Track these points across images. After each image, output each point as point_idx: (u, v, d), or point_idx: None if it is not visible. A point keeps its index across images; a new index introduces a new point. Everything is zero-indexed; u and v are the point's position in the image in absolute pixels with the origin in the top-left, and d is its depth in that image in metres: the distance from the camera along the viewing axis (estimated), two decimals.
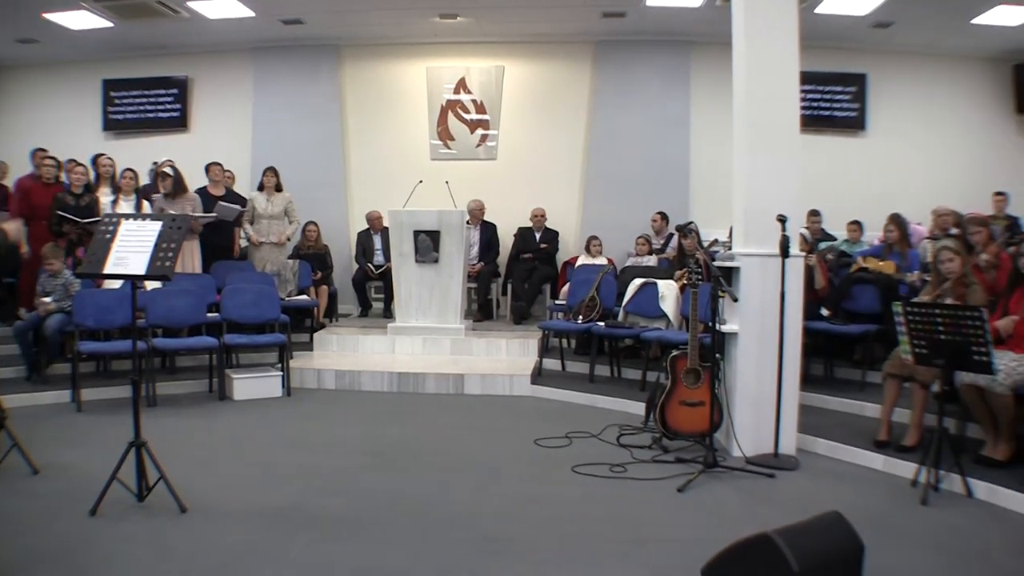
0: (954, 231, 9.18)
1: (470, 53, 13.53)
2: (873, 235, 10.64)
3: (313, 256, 11.84)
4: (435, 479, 5.97)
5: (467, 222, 11.46)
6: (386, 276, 11.82)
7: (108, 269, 5.06)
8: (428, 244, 10.40)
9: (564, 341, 10.59)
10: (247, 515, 5.11)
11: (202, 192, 10.67)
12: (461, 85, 13.55)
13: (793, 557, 3.58)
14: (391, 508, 5.30)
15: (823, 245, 10.69)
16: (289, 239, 11.17)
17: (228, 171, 11.48)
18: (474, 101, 13.55)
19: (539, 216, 12.63)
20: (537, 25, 12.73)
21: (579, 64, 13.50)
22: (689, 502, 5.58)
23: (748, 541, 3.80)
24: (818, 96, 13.55)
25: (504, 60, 13.54)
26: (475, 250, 12.24)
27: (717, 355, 6.63)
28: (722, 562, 3.92)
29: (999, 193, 12.09)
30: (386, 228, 11.44)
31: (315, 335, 10.78)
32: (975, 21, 11.99)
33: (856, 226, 11.16)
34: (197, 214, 9.82)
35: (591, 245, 12.04)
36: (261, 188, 11.03)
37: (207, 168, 11.09)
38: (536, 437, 7.13)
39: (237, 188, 11.51)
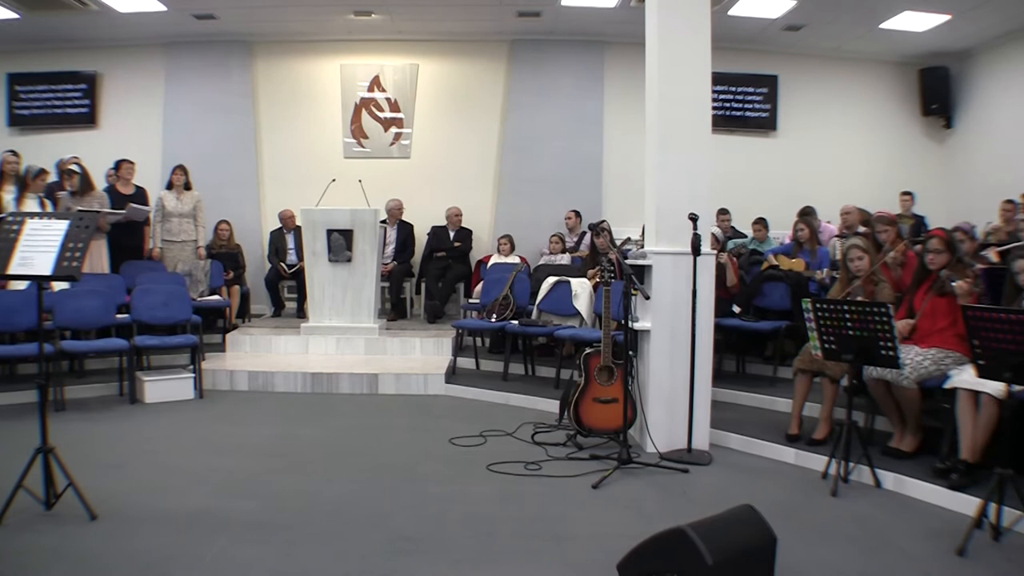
0: (862, 230, 9.37)
1: (384, 51, 13.44)
2: (784, 233, 10.80)
3: (225, 255, 11.68)
4: (350, 480, 5.91)
5: (384, 222, 11.42)
6: (299, 275, 11.68)
7: (12, 270, 4.90)
8: (341, 243, 10.32)
9: (478, 340, 10.56)
10: (160, 520, 4.99)
11: (110, 190, 10.46)
12: (375, 83, 13.45)
13: (707, 550, 3.63)
14: (307, 510, 5.24)
15: (733, 243, 10.83)
16: (201, 246, 10.95)
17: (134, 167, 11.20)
18: (388, 99, 13.47)
19: (453, 215, 12.62)
20: (452, 23, 12.70)
21: (494, 63, 13.52)
22: (604, 498, 5.60)
23: (663, 536, 3.85)
24: (730, 97, 13.76)
25: (419, 58, 13.48)
26: (391, 249, 12.17)
27: (630, 352, 6.67)
28: (637, 557, 3.95)
29: (906, 193, 12.41)
30: (299, 227, 11.29)
31: (227, 336, 10.62)
32: (883, 26, 12.28)
33: (761, 225, 11.33)
34: (104, 211, 9.61)
35: (500, 245, 12.05)
36: (170, 186, 10.83)
37: (116, 165, 10.86)
38: (451, 436, 7.11)
39: (147, 186, 11.25)
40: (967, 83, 13.92)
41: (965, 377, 5.67)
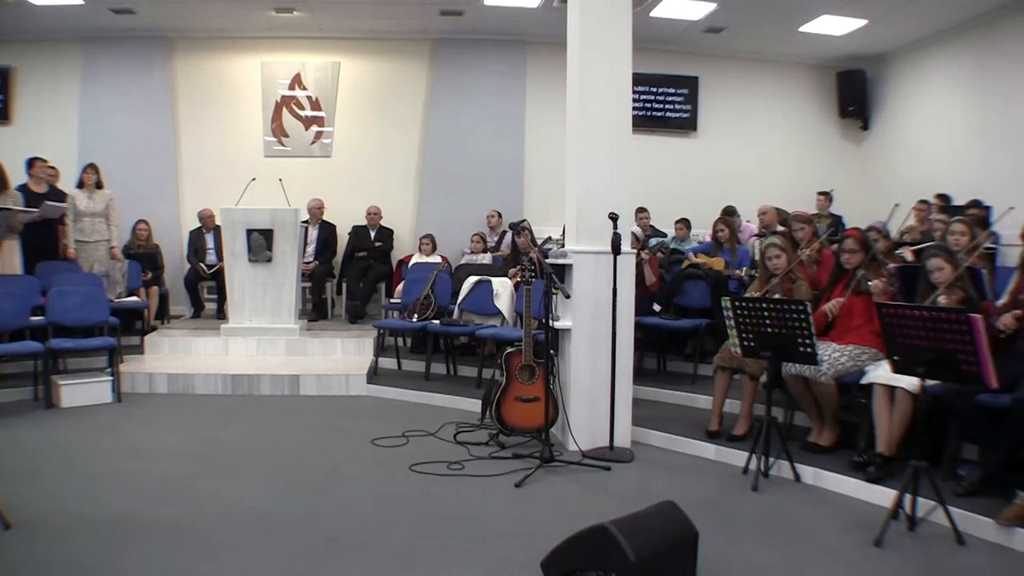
0: (780, 229, 9.49)
1: (306, 48, 13.29)
2: (705, 232, 10.91)
3: (143, 256, 11.45)
4: (273, 483, 5.83)
5: (305, 222, 11.33)
6: (219, 276, 11.47)
7: None
8: (262, 243, 10.21)
9: (399, 340, 10.53)
10: (79, 528, 4.85)
11: (23, 189, 10.21)
12: (296, 81, 13.30)
13: (630, 547, 3.65)
14: (229, 514, 5.15)
15: (654, 242, 10.91)
16: (115, 246, 10.71)
17: (52, 167, 10.93)
18: (309, 97, 13.32)
19: (374, 214, 12.54)
20: (374, 21, 12.61)
21: (416, 61, 13.44)
22: (527, 497, 5.61)
23: (585, 533, 3.86)
24: (652, 97, 13.87)
25: (340, 56, 13.37)
26: (312, 249, 12.06)
27: (551, 351, 6.67)
28: (561, 555, 3.96)
29: (823, 193, 12.60)
30: (219, 226, 11.11)
31: (146, 338, 10.40)
32: (802, 29, 12.48)
33: (683, 224, 11.44)
34: (18, 208, 9.37)
35: (422, 244, 12.00)
36: (81, 185, 10.58)
37: (30, 163, 10.57)
38: (373, 437, 7.06)
39: (62, 185, 10.99)
40: (883, 86, 14.22)
41: (881, 373, 5.78)
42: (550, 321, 6.49)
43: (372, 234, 12.47)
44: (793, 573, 4.43)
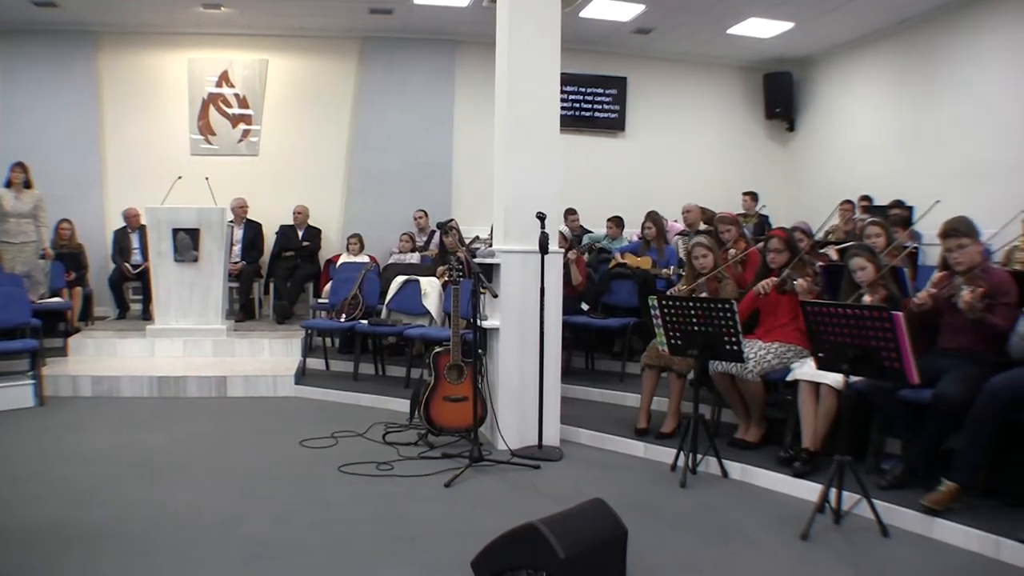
0: (704, 227, 9.58)
1: (233, 45, 13.11)
2: (633, 231, 10.97)
3: (67, 256, 11.21)
4: (201, 486, 5.73)
5: (231, 221, 11.21)
6: (144, 276, 11.27)
7: None
8: (188, 242, 10.07)
9: (328, 340, 10.45)
10: (4, 536, 4.72)
11: None
12: (224, 78, 13.12)
13: (559, 545, 3.66)
14: (157, 519, 5.04)
15: (584, 240, 10.96)
16: (46, 247, 10.43)
17: None
18: (237, 95, 13.15)
19: (301, 213, 12.43)
20: (303, 19, 12.47)
21: (345, 60, 13.34)
22: (457, 497, 5.60)
23: (515, 532, 3.86)
24: (580, 97, 13.93)
25: (268, 53, 13.21)
26: (238, 249, 11.92)
27: (479, 351, 6.67)
28: (491, 554, 3.96)
29: (749, 193, 12.76)
30: (144, 226, 10.93)
31: (69, 339, 10.16)
32: (730, 31, 12.63)
33: (615, 223, 11.51)
34: None
35: (350, 244, 11.93)
36: (8, 185, 10.34)
37: None
38: (302, 438, 6.99)
39: None
40: (809, 88, 14.45)
41: (806, 370, 5.87)
42: (478, 320, 6.48)
43: (300, 234, 12.36)
44: (721, 568, 4.47)
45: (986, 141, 10.64)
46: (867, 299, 5.72)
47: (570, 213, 11.69)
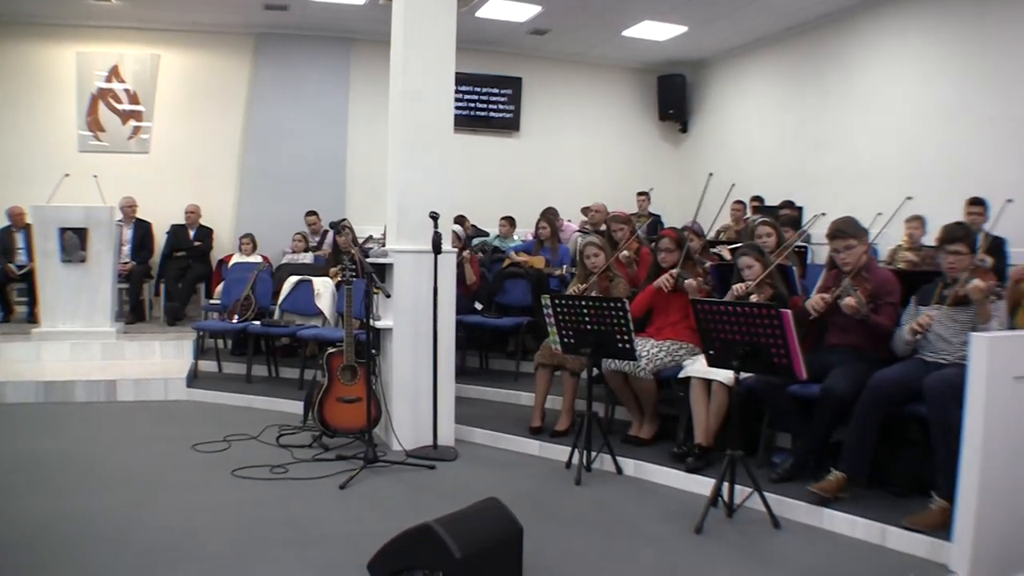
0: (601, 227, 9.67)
1: (124, 39, 12.76)
2: (527, 231, 11.02)
3: None
4: (91, 494, 5.53)
5: (120, 221, 10.98)
6: (29, 277, 10.95)
7: None
8: (75, 242, 9.80)
9: (220, 342, 10.24)
10: None
11: None
12: (114, 73, 12.77)
13: (455, 544, 3.66)
14: (47, 530, 4.86)
15: (476, 241, 10.97)
16: None
17: None
18: (127, 90, 12.82)
19: (193, 212, 12.20)
20: (196, 13, 12.25)
21: (238, 56, 13.14)
22: (352, 498, 5.55)
23: (411, 532, 3.85)
24: (475, 97, 13.99)
25: (160, 48, 12.91)
26: (127, 248, 11.64)
27: (373, 351, 6.64)
28: (386, 555, 3.95)
29: (642, 193, 12.90)
30: (29, 225, 10.63)
31: None
32: (625, 34, 12.81)
33: (507, 222, 11.55)
34: None
35: (242, 244, 11.76)
36: None
37: None
38: (194, 442, 6.82)
39: None
40: (701, 90, 14.74)
41: (697, 367, 5.96)
42: (371, 321, 6.44)
43: (191, 233, 12.13)
44: (617, 563, 4.51)
45: (872, 144, 10.99)
46: (754, 298, 5.84)
47: (459, 219, 11.69)
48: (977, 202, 8.31)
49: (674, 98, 14.88)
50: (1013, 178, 8.76)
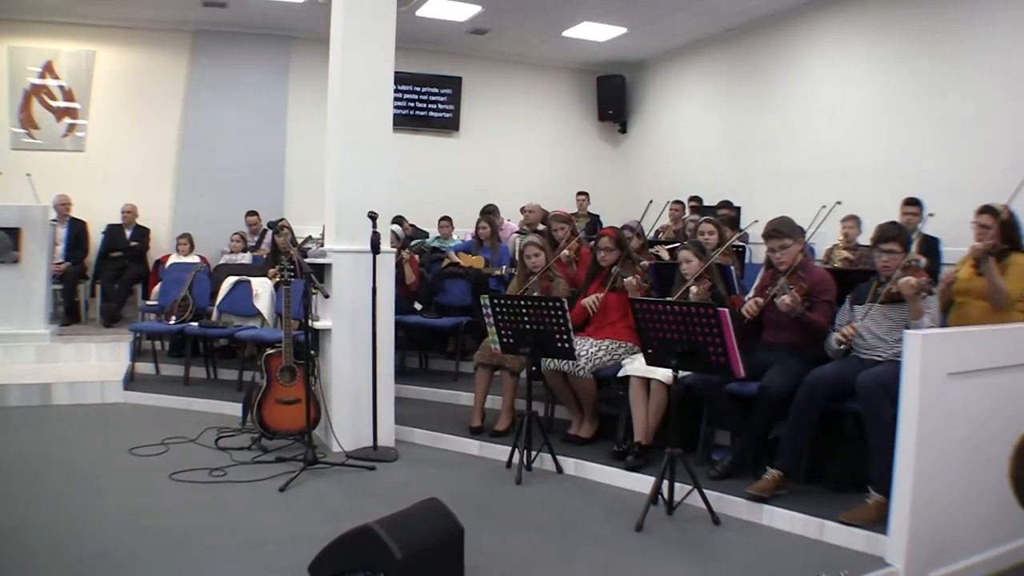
0: (540, 227, 9.70)
1: (59, 35, 12.46)
2: (467, 231, 11.01)
3: None
4: (26, 500, 5.42)
5: (54, 220, 10.81)
6: None
7: None
8: (7, 242, 9.62)
9: (157, 343, 10.11)
10: None
11: None
12: (48, 69, 12.49)
13: (395, 546, 3.65)
14: None
15: (415, 242, 10.96)
16: None
17: None
18: (62, 87, 12.56)
19: (129, 212, 12.02)
20: (133, 9, 12.04)
21: (176, 54, 12.93)
22: (292, 501, 5.51)
23: (351, 534, 3.84)
24: (415, 97, 13.95)
25: (96, 44, 12.65)
26: (61, 248, 11.45)
27: (312, 352, 6.61)
28: (327, 557, 3.93)
29: (582, 193, 12.98)
30: None
31: None
32: (565, 34, 12.87)
33: (447, 222, 11.55)
34: None
35: (180, 244, 11.62)
36: None
37: None
38: (131, 446, 6.70)
39: None
40: (640, 91, 14.85)
41: (636, 366, 5.99)
42: (310, 321, 6.41)
43: (128, 233, 11.95)
44: (558, 562, 4.53)
45: (809, 144, 11.13)
46: (694, 290, 5.90)
47: (399, 220, 11.67)
48: (912, 202, 8.44)
49: (613, 99, 14.98)
50: (948, 179, 8.93)
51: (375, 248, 6.44)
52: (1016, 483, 2.44)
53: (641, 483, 5.64)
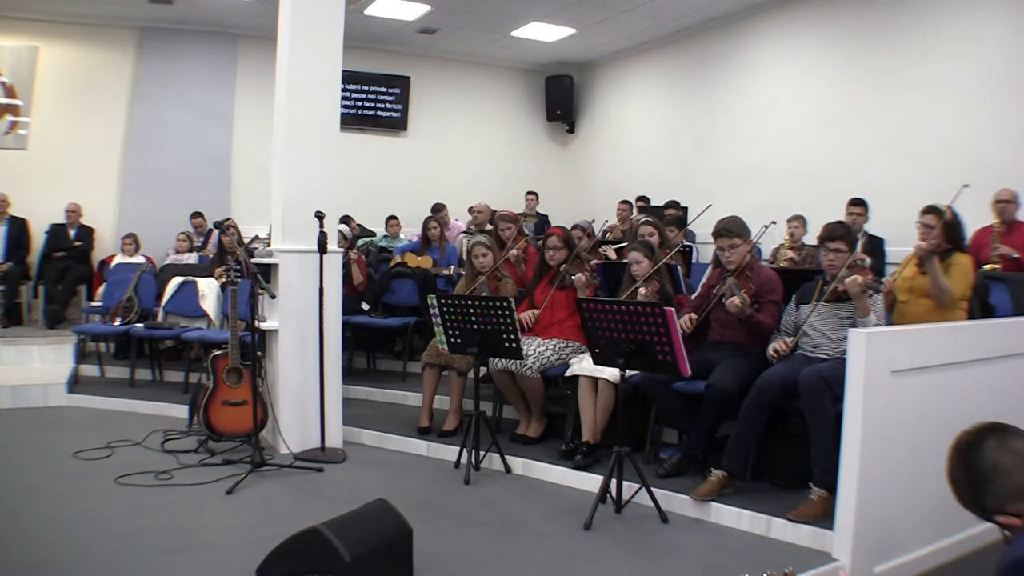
0: (489, 227, 9.71)
1: (1, 30, 12.23)
2: (415, 231, 10.99)
3: None
4: None
5: None
6: None
7: None
8: None
9: (102, 345, 9.99)
10: None
11: None
12: None
13: (343, 547, 3.65)
14: None
15: (362, 241, 10.93)
16: None
17: None
18: (4, 83, 12.34)
19: (73, 212, 11.86)
20: (77, 5, 11.86)
21: (122, 51, 12.75)
22: (240, 503, 5.47)
23: (299, 536, 3.83)
24: (363, 96, 13.92)
25: (39, 40, 12.41)
26: (0, 248, 11.31)
27: (258, 353, 6.57)
28: (276, 560, 3.92)
29: (531, 193, 13.04)
30: None
31: None
32: (514, 34, 12.92)
33: (395, 222, 11.54)
34: None
35: (124, 244, 11.50)
36: None
37: None
38: (75, 450, 6.59)
39: None
40: (588, 92, 14.93)
41: (584, 365, 6.02)
42: (256, 322, 6.37)
43: (72, 233, 11.79)
44: (508, 561, 4.54)
45: (756, 145, 11.23)
46: (642, 291, 5.93)
47: (347, 220, 11.63)
48: (857, 203, 8.55)
49: (562, 99, 15.04)
50: (892, 180, 9.07)
51: (322, 248, 6.41)
52: (954, 482, 2.48)
53: (589, 482, 5.66)
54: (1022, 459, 2.39)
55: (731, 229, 5.75)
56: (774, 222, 6.53)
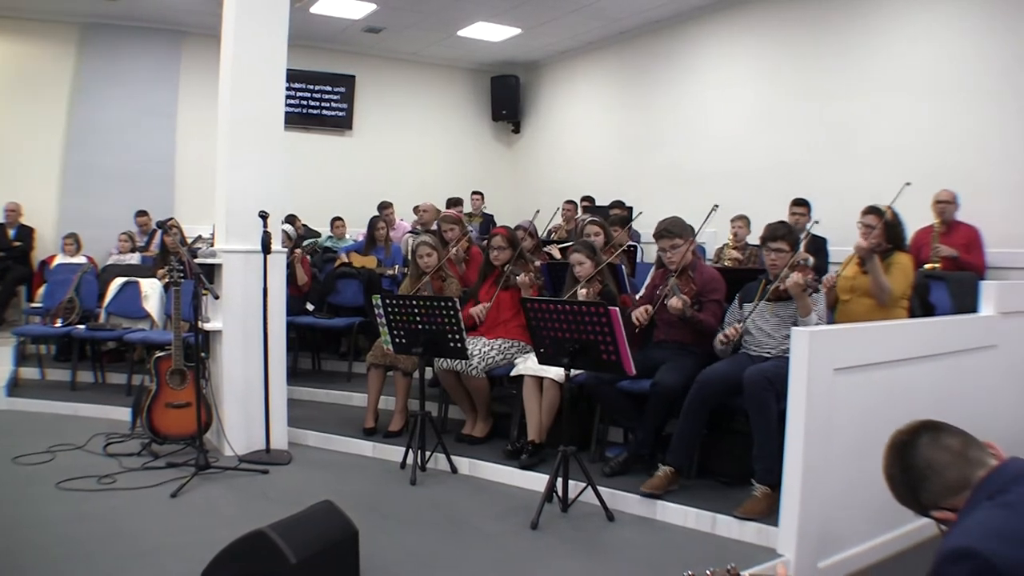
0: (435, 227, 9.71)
1: None
2: (360, 231, 10.96)
3: None
4: None
5: None
6: None
7: None
8: None
9: (43, 347, 9.88)
10: None
11: None
12: None
13: (289, 550, 3.63)
14: None
15: (307, 242, 10.89)
16: None
17: None
18: None
19: (12, 211, 11.69)
20: None
21: (63, 46, 12.52)
22: (184, 507, 5.42)
23: (244, 540, 3.80)
24: (308, 95, 13.86)
25: None
26: None
27: (202, 354, 6.52)
28: (221, 564, 3.88)
29: (476, 192, 13.06)
30: None
31: None
32: (460, 34, 12.93)
33: (340, 222, 11.51)
34: None
35: (65, 244, 11.35)
36: None
37: None
38: (15, 454, 6.49)
39: None
40: (534, 92, 14.99)
41: (529, 364, 6.04)
42: (200, 323, 6.32)
43: (11, 233, 11.62)
44: (454, 561, 4.55)
45: (699, 146, 11.38)
46: (583, 292, 5.97)
47: (291, 220, 11.58)
48: (800, 203, 8.66)
49: (507, 99, 15.09)
50: (834, 180, 9.19)
51: (266, 248, 6.38)
52: (891, 480, 2.53)
53: (535, 481, 5.68)
54: (955, 456, 2.44)
55: (672, 230, 5.80)
56: (717, 206, 6.57)
